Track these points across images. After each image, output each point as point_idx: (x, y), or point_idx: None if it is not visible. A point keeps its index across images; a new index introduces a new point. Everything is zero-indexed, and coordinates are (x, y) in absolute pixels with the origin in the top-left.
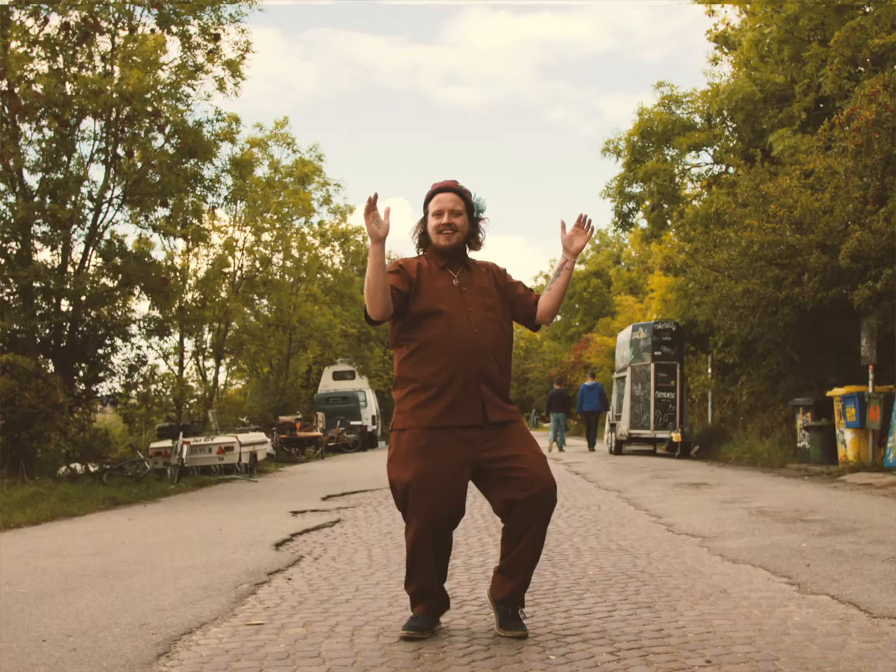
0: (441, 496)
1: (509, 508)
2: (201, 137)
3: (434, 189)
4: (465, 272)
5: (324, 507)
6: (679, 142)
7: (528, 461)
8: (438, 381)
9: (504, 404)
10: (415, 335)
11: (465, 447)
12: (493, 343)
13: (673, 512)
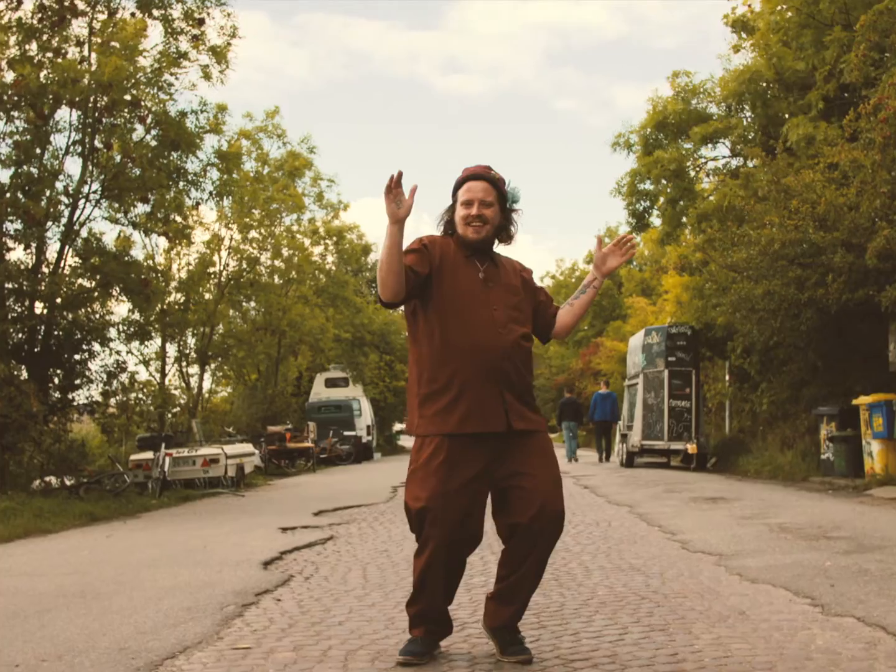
0: (459, 520)
1: (511, 532)
2: (185, 128)
3: (464, 175)
4: (492, 267)
5: (315, 522)
6: (694, 132)
7: (536, 480)
8: (458, 382)
9: (528, 412)
10: (434, 331)
11: (486, 459)
12: (517, 345)
13: (688, 528)
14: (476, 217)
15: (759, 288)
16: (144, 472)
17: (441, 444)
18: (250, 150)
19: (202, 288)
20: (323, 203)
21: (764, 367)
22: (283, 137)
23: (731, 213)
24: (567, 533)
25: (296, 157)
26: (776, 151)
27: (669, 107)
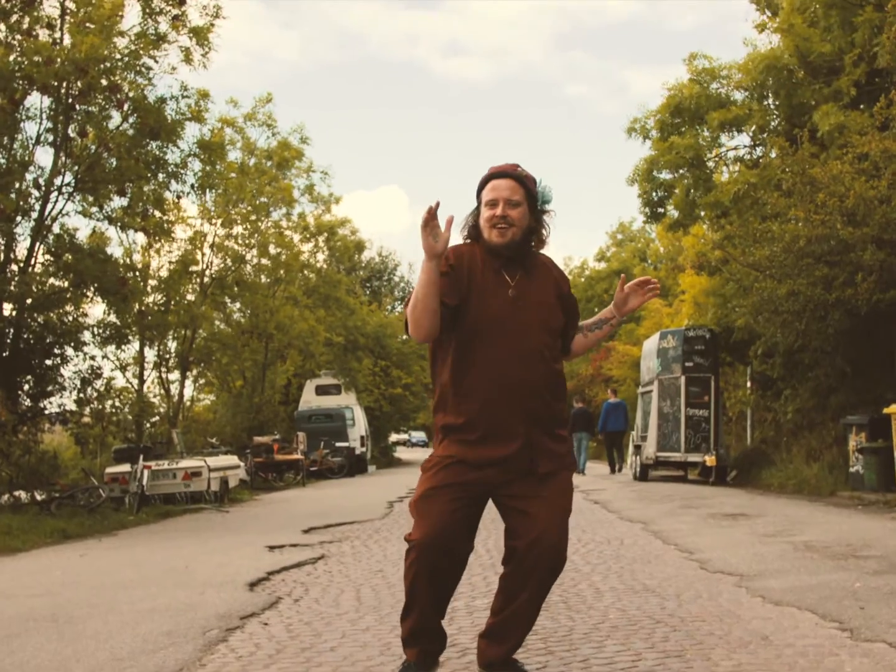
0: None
1: (510, 556)
2: (164, 116)
3: (489, 174)
4: (524, 279)
5: (305, 541)
6: (712, 117)
7: (541, 507)
8: (482, 423)
9: (556, 447)
10: (457, 361)
11: (499, 480)
12: (547, 376)
13: (706, 547)
14: (501, 218)
15: (782, 288)
16: (121, 486)
17: (453, 464)
18: (234, 139)
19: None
20: (314, 196)
21: (788, 372)
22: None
23: (752, 207)
24: (576, 552)
25: (286, 146)
26: (800, 141)
27: (686, 91)
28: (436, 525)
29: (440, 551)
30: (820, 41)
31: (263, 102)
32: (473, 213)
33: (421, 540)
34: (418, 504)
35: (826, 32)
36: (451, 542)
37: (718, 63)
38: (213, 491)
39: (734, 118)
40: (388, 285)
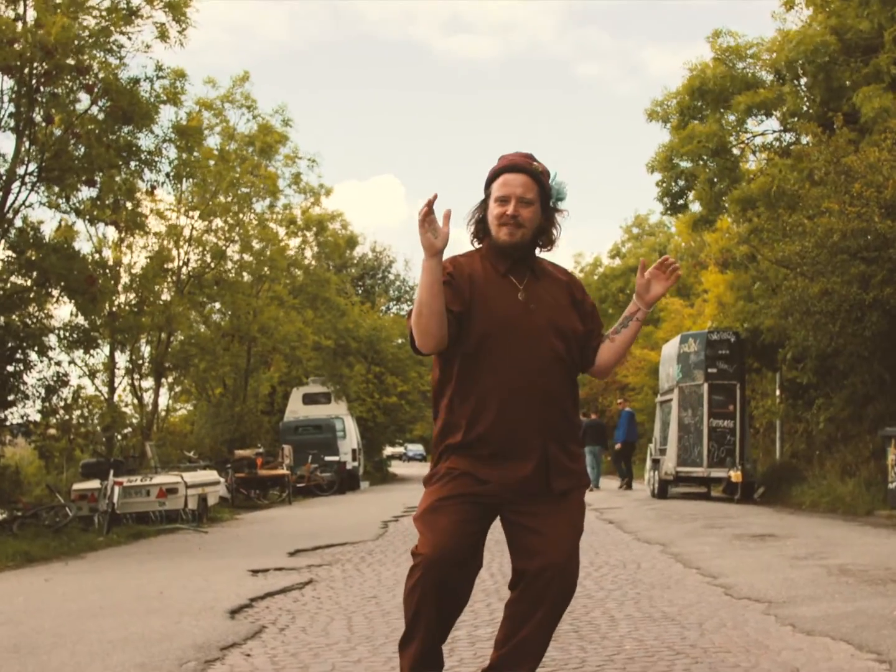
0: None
1: (519, 578)
2: (138, 98)
3: (500, 166)
4: (533, 280)
5: (291, 564)
6: (738, 101)
7: (553, 526)
8: (493, 440)
9: (570, 464)
10: (463, 373)
11: (508, 498)
12: (561, 384)
13: (731, 571)
14: (512, 218)
15: (815, 286)
16: (90, 504)
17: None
18: (213, 123)
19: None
20: (301, 187)
21: (821, 379)
22: (252, 109)
23: (783, 199)
24: (589, 576)
25: (268, 130)
26: (835, 126)
27: (710, 71)
28: (446, 538)
29: (451, 566)
30: (856, 17)
31: (241, 82)
32: (480, 206)
33: (430, 554)
34: (425, 516)
35: (863, 7)
36: (463, 557)
37: (745, 41)
38: (191, 509)
39: (763, 101)
40: (383, 284)
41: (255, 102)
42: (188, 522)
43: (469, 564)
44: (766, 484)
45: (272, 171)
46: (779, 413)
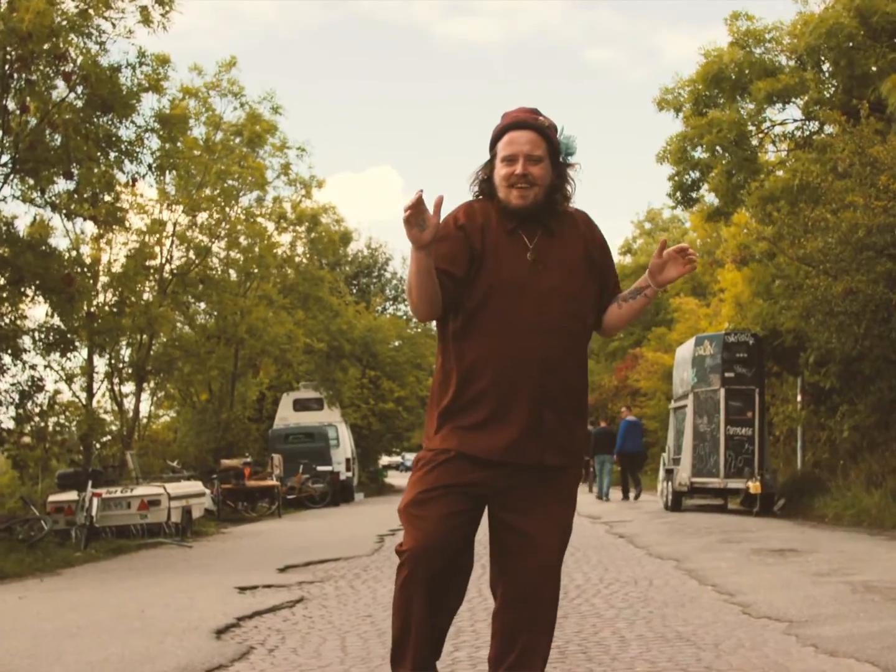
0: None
1: (498, 581)
2: (118, 86)
3: (505, 124)
4: (546, 238)
5: (281, 581)
6: (758, 87)
7: (539, 521)
8: (489, 403)
9: (569, 442)
10: (464, 337)
11: (498, 486)
12: (567, 351)
13: (749, 588)
14: (521, 177)
15: (838, 285)
16: (66, 516)
17: (448, 460)
18: (199, 111)
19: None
20: (291, 178)
21: (845, 384)
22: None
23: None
24: (598, 593)
25: (256, 119)
26: (861, 115)
27: (727, 56)
28: (431, 531)
29: (439, 559)
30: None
31: (227, 67)
32: (486, 166)
33: (414, 548)
34: (409, 509)
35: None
36: (451, 549)
37: (764, 24)
38: (174, 523)
39: (783, 89)
40: (379, 282)
41: (242, 89)
42: (171, 536)
43: (459, 559)
44: (787, 495)
45: (260, 163)
46: (800, 420)
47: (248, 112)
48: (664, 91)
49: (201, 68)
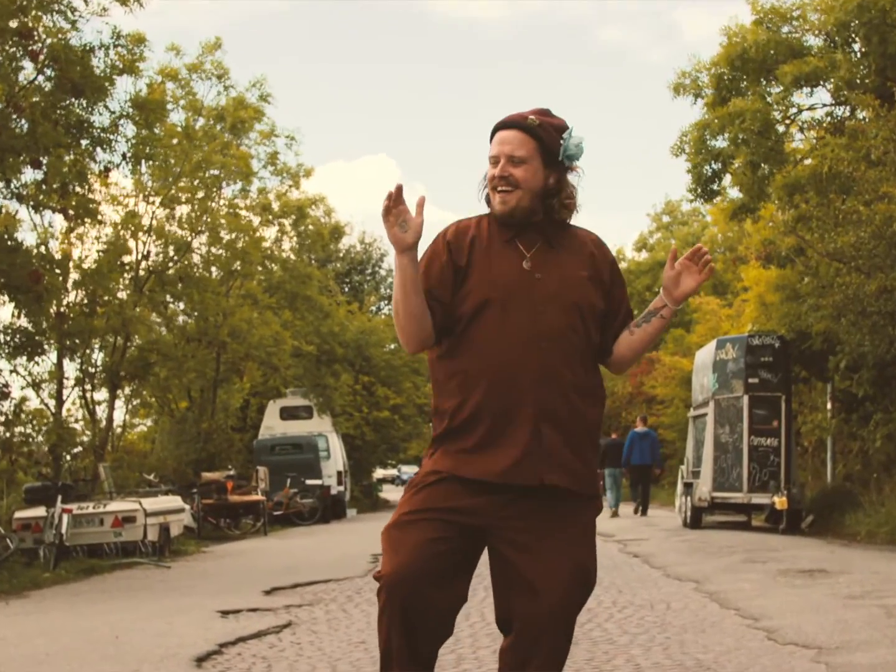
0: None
1: (506, 622)
2: (90, 68)
3: (495, 125)
4: (545, 250)
5: (267, 604)
6: (784, 72)
7: (544, 561)
8: (484, 421)
9: (575, 463)
10: (457, 349)
11: (494, 514)
12: (569, 364)
13: (775, 612)
14: (500, 179)
15: (872, 283)
16: (34, 534)
17: (439, 481)
18: (177, 96)
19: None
20: (278, 168)
21: (879, 391)
22: (224, 79)
23: (835, 182)
24: (611, 618)
25: (241, 104)
26: None
27: (750, 36)
28: (409, 557)
29: (416, 586)
30: None
31: (211, 49)
32: (485, 175)
33: (390, 574)
34: (390, 532)
35: None
36: (430, 577)
37: (790, 1)
38: (151, 541)
39: (812, 71)
40: (373, 281)
41: (227, 72)
42: (148, 556)
43: (442, 588)
44: (816, 511)
45: (245, 151)
46: (830, 430)
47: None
48: (681, 75)
49: (179, 48)
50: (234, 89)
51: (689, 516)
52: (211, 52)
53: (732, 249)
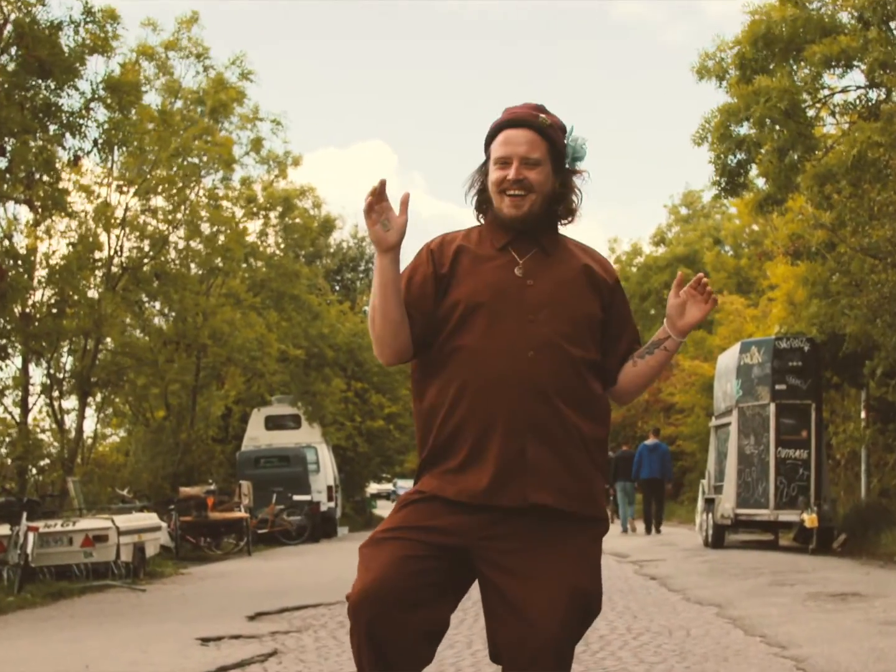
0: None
1: (496, 653)
2: (59, 47)
3: (501, 120)
4: (540, 257)
5: (251, 630)
6: (813, 52)
7: (532, 586)
8: (469, 438)
9: (568, 481)
10: (436, 365)
11: (478, 534)
12: (563, 376)
13: (805, 639)
14: (515, 183)
15: None
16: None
17: (420, 500)
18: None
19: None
20: (262, 156)
21: None
22: (203, 58)
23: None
24: (625, 645)
25: (222, 85)
26: None
27: (776, 14)
28: (378, 575)
29: (382, 606)
30: None
31: (188, 24)
32: (480, 170)
33: (355, 595)
34: (364, 550)
35: None
36: (394, 602)
37: None
38: (124, 562)
39: (843, 51)
40: (366, 278)
41: (206, 50)
42: (121, 578)
43: (414, 610)
44: (849, 530)
45: (227, 137)
46: (865, 440)
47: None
48: (704, 56)
49: (156, 23)
50: (213, 69)
51: (710, 535)
52: (188, 28)
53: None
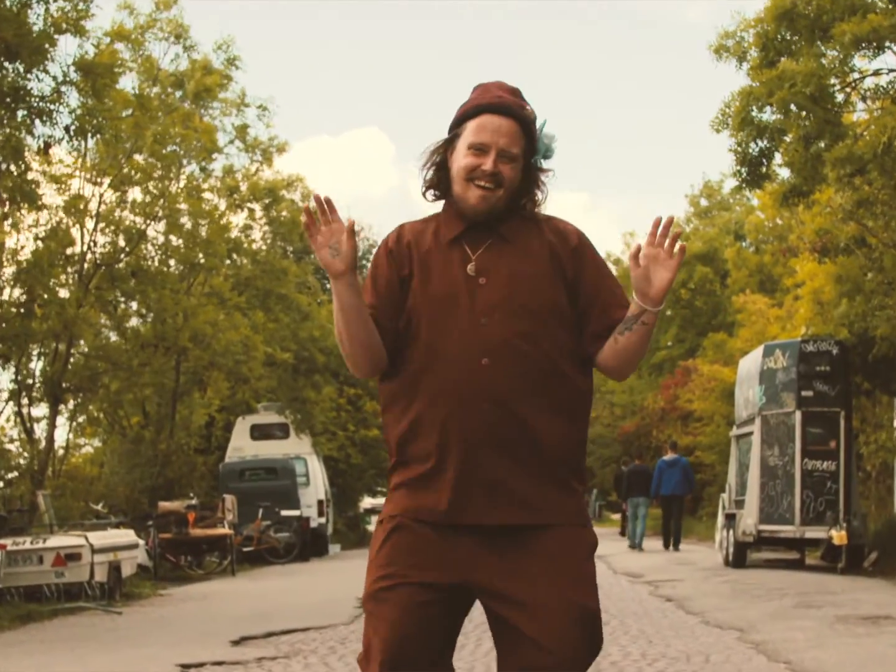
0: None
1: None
2: (27, 26)
3: (481, 102)
4: (496, 247)
5: (235, 656)
6: (841, 31)
7: (540, 613)
8: (430, 453)
9: (532, 494)
10: (393, 373)
11: (469, 561)
12: (524, 380)
13: (834, 665)
14: (490, 176)
15: None
16: None
17: (398, 528)
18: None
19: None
20: (248, 143)
21: None
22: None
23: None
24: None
25: (205, 69)
26: None
27: None
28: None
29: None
30: None
31: (167, 4)
32: (443, 146)
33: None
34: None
35: None
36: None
37: None
38: (99, 582)
39: (874, 30)
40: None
41: (186, 30)
42: (95, 600)
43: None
44: (881, 547)
45: (209, 123)
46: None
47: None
48: (723, 35)
49: (132, 6)
50: (195, 50)
51: (731, 553)
52: (166, 8)
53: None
